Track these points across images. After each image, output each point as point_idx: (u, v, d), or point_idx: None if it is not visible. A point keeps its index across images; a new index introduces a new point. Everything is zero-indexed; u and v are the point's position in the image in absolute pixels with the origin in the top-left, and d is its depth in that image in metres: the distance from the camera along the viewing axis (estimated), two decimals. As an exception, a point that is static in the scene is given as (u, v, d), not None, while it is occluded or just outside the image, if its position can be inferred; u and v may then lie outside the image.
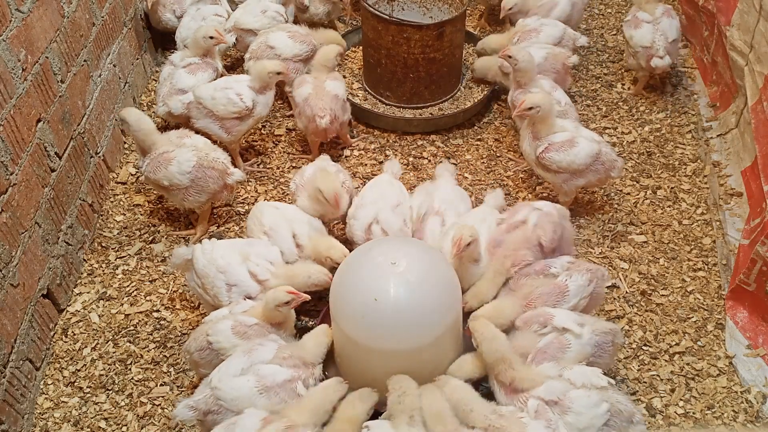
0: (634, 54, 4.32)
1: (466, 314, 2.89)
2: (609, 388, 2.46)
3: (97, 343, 3.22)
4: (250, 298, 2.94)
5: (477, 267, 3.01)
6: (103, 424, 2.93)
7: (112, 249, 3.64)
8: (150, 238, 3.68)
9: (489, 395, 2.58)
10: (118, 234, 3.72)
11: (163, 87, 4.04)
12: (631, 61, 4.43)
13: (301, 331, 2.92)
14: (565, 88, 4.14)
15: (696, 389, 2.98)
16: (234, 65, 4.88)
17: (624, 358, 3.08)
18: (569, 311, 2.73)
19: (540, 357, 2.59)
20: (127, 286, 3.46)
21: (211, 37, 4.02)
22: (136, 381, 3.07)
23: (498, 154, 4.15)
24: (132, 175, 4.05)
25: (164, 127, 4.32)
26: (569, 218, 3.19)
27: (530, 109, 3.40)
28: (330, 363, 2.84)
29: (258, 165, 4.11)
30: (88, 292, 3.43)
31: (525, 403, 2.45)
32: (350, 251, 2.98)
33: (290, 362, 2.59)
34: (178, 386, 3.04)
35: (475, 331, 2.63)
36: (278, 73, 3.80)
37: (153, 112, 4.40)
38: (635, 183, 3.93)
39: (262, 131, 4.34)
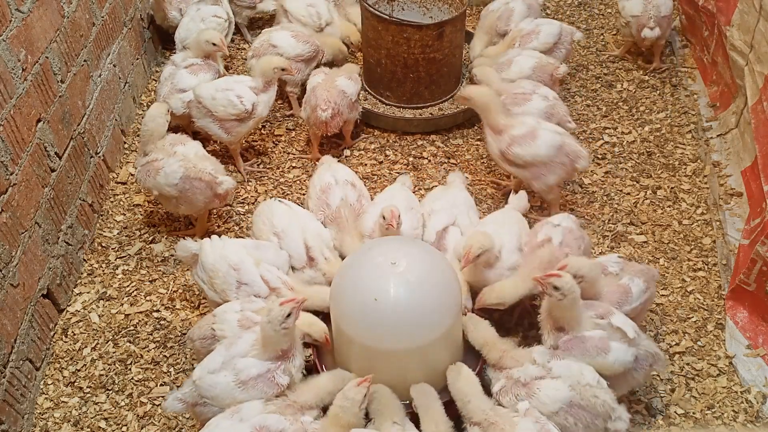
0: (626, 24, 4.60)
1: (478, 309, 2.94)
2: (595, 386, 2.49)
3: (97, 343, 3.22)
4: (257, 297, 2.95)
5: (492, 271, 3.01)
6: (103, 424, 2.93)
7: (112, 249, 3.64)
8: (150, 238, 3.68)
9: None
10: (118, 234, 3.72)
11: (163, 87, 4.04)
12: (623, 30, 4.73)
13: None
14: None
15: (696, 389, 2.98)
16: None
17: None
18: (625, 318, 2.71)
19: (575, 347, 2.60)
20: (127, 286, 3.46)
21: (214, 44, 4.04)
22: (136, 381, 3.07)
23: (498, 154, 4.15)
24: (132, 175, 4.05)
25: (164, 127, 4.34)
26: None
27: (465, 100, 3.54)
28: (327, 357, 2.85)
29: (258, 165, 4.11)
30: (88, 292, 3.43)
31: (504, 377, 2.59)
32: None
33: (267, 354, 2.58)
34: (178, 386, 3.03)
35: (464, 327, 2.81)
36: (282, 69, 3.81)
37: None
38: (635, 183, 3.93)
39: (262, 131, 4.34)
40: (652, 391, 2.97)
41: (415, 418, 2.53)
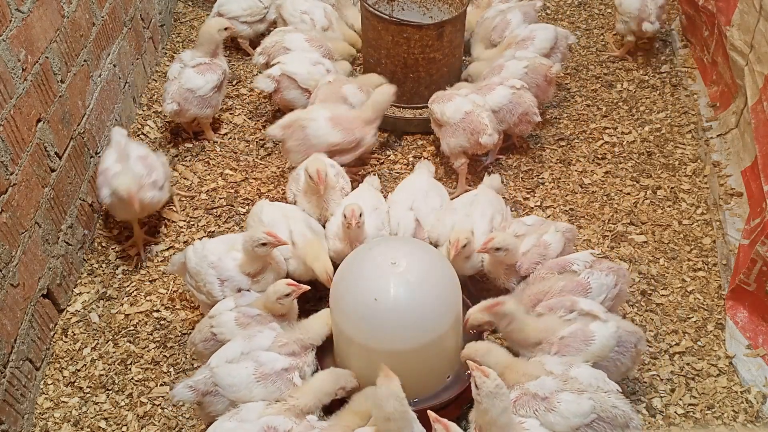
0: (624, 21, 4.63)
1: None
2: (610, 393, 2.45)
3: (97, 343, 3.22)
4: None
5: (469, 262, 3.09)
6: (103, 424, 2.93)
7: (112, 249, 3.64)
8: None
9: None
10: (118, 234, 3.72)
11: (172, 85, 4.01)
12: (619, 26, 4.71)
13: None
14: (549, 99, 4.21)
15: (696, 389, 2.98)
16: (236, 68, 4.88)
17: (624, 358, 3.08)
18: (593, 301, 2.74)
19: (563, 350, 2.59)
20: (127, 286, 3.46)
21: (225, 29, 4.11)
22: (136, 381, 3.07)
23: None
24: (132, 175, 4.04)
25: (165, 128, 4.33)
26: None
27: None
28: (327, 358, 2.85)
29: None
30: (88, 292, 3.43)
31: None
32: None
33: (287, 349, 2.62)
34: (178, 386, 3.04)
35: (473, 352, 2.61)
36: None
37: (153, 111, 4.41)
38: (635, 183, 3.93)
39: (263, 131, 4.34)
40: (652, 391, 2.97)
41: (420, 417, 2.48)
